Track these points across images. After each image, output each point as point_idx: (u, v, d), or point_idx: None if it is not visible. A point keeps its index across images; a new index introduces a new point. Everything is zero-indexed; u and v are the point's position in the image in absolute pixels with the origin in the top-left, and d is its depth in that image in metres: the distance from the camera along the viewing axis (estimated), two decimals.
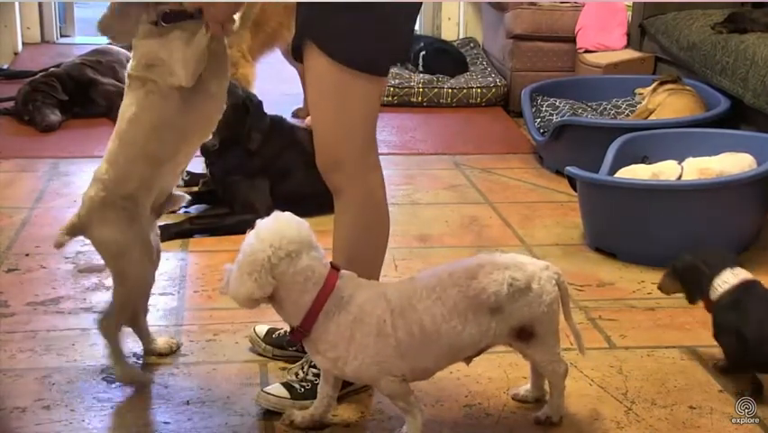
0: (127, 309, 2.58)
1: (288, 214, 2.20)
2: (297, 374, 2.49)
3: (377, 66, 2.34)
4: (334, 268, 2.21)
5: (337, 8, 2.25)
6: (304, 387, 2.46)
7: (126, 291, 2.55)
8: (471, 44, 6.57)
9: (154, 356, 2.72)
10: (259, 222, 2.18)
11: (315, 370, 2.45)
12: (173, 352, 2.75)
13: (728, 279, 2.66)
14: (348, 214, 2.44)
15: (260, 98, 3.86)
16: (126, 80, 2.52)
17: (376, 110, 2.41)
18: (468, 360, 2.36)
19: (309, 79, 2.38)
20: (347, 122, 2.35)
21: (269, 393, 2.45)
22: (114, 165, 2.47)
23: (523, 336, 2.29)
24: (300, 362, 2.52)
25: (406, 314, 2.19)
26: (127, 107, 2.48)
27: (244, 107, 3.73)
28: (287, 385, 2.47)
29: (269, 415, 2.43)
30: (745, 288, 2.66)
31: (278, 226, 2.15)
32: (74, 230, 2.52)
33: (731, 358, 2.66)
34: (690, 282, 2.74)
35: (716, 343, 2.70)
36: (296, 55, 2.41)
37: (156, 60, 2.42)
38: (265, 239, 2.12)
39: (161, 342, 2.75)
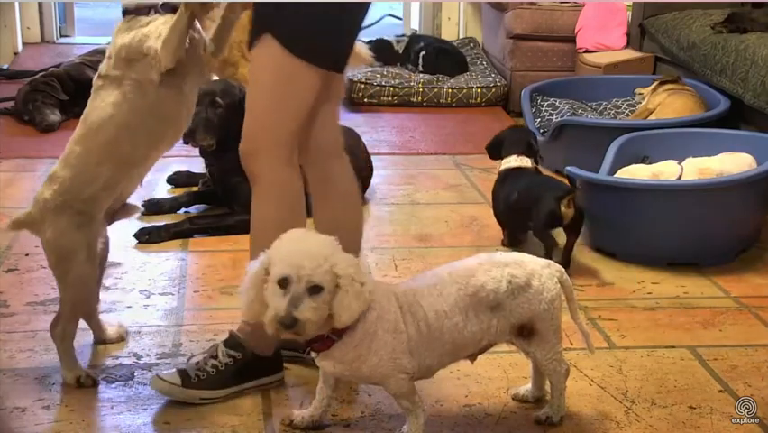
0: (76, 312, 2.59)
1: (297, 229, 2.19)
2: (197, 362, 2.51)
3: (323, 58, 2.34)
4: None
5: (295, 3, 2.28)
6: (198, 376, 2.47)
7: (69, 294, 2.56)
8: (471, 44, 6.58)
9: (104, 344, 2.76)
10: (280, 242, 2.12)
11: (214, 362, 2.48)
12: (123, 340, 2.78)
13: (510, 161, 3.62)
14: (261, 205, 2.43)
15: None
16: (96, 82, 2.55)
17: (309, 107, 2.40)
18: (472, 358, 2.36)
19: (253, 68, 2.39)
20: (279, 112, 2.36)
21: (161, 378, 2.48)
22: (76, 168, 2.49)
23: (524, 333, 2.29)
24: (208, 349, 2.54)
25: (414, 310, 2.20)
26: (100, 109, 2.50)
27: (240, 107, 3.72)
28: (182, 372, 2.49)
29: (269, 415, 2.44)
30: (516, 170, 3.59)
31: (329, 240, 2.13)
32: (21, 226, 2.54)
33: (495, 215, 3.68)
34: (493, 156, 3.75)
35: (715, 344, 2.85)
36: (250, 48, 2.43)
37: (136, 54, 2.46)
38: (348, 255, 2.11)
39: (111, 331, 2.78)
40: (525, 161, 3.61)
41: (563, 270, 2.34)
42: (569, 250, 3.41)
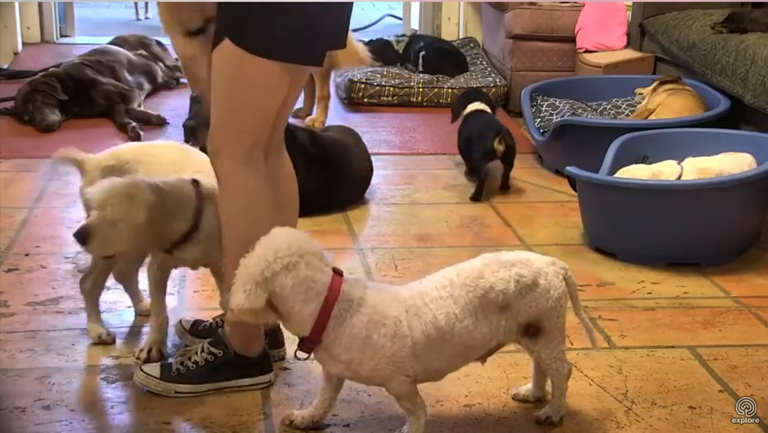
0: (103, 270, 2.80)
1: (286, 228, 2.19)
2: (182, 357, 2.54)
3: (280, 50, 2.30)
4: (337, 273, 2.19)
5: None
6: (179, 370, 2.50)
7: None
8: (471, 44, 6.58)
9: (142, 316, 2.94)
10: (262, 237, 2.17)
11: (195, 357, 2.50)
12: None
13: (473, 106, 4.45)
14: (224, 205, 2.43)
15: None
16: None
17: (272, 104, 2.38)
18: (482, 360, 2.36)
19: (213, 70, 2.36)
20: (235, 112, 2.36)
21: (142, 369, 2.53)
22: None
23: (530, 332, 2.30)
24: (197, 345, 2.56)
25: (421, 313, 2.20)
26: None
27: None
28: (164, 365, 2.53)
29: (270, 415, 2.44)
30: (476, 113, 4.42)
31: (272, 240, 2.14)
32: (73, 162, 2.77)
33: (459, 150, 4.46)
34: (456, 107, 4.58)
35: (715, 344, 2.87)
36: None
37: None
38: (259, 253, 2.12)
39: (145, 304, 2.92)
40: (485, 107, 4.45)
41: (567, 267, 2.34)
42: (506, 176, 4.27)
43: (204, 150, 3.81)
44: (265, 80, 2.33)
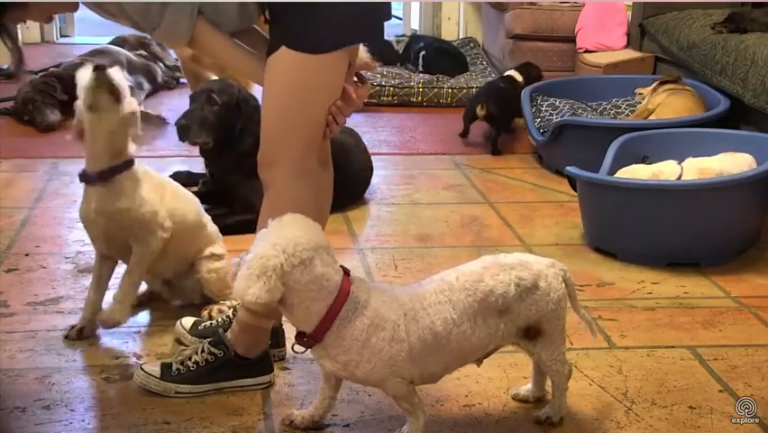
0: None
1: (300, 216, 2.15)
2: (182, 357, 2.54)
3: (345, 38, 2.29)
4: (345, 272, 2.17)
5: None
6: (179, 370, 2.51)
7: None
8: (471, 44, 6.58)
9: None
10: (271, 222, 2.13)
11: (196, 357, 2.51)
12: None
13: (508, 72, 5.10)
14: (272, 212, 2.36)
15: (259, 102, 3.84)
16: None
17: (334, 97, 2.34)
18: (479, 361, 2.36)
19: (269, 82, 2.33)
20: (295, 126, 2.33)
21: (142, 369, 2.53)
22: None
23: (531, 334, 2.29)
24: (195, 346, 2.56)
25: (419, 318, 2.18)
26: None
27: (237, 108, 3.72)
28: (165, 365, 2.53)
29: (270, 415, 2.44)
30: (504, 77, 5.10)
31: (292, 232, 2.09)
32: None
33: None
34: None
35: (715, 344, 2.88)
36: None
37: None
38: (278, 244, 2.06)
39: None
40: (516, 75, 5.06)
41: (566, 268, 2.34)
42: (493, 141, 4.84)
43: (202, 151, 3.83)
44: (329, 74, 2.31)
